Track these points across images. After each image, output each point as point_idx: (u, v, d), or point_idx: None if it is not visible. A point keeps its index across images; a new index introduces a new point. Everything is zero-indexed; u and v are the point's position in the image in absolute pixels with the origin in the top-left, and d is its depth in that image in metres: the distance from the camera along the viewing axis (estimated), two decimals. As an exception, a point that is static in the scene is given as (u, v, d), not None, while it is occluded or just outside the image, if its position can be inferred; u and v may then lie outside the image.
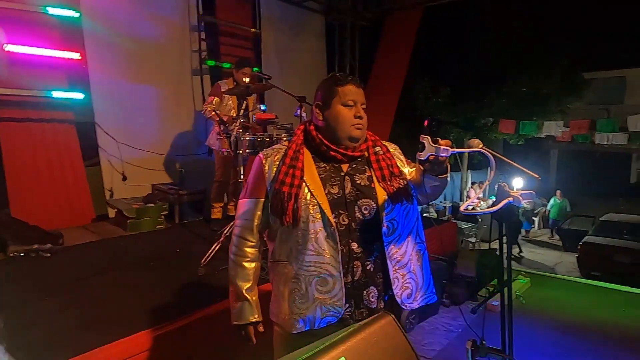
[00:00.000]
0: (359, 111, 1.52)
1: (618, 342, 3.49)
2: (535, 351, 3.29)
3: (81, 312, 2.45)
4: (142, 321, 2.30)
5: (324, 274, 1.45)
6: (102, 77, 5.02)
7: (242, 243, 1.55)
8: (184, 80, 5.89)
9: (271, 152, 1.57)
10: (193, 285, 2.89)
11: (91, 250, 3.70)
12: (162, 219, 4.65)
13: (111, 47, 5.10)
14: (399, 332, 0.81)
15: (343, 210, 1.49)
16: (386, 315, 0.85)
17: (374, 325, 0.81)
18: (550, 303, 4.39)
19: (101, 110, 5.05)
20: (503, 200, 1.48)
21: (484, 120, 13.58)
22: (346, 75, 1.57)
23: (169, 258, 3.53)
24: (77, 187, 4.83)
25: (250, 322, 1.54)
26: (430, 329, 3.63)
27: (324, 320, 1.46)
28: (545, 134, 11.26)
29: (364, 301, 1.51)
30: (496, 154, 1.54)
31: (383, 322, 0.82)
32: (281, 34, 7.22)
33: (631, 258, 8.82)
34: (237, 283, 1.54)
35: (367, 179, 1.55)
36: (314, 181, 1.49)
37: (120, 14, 5.16)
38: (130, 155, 5.22)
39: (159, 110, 5.64)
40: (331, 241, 1.45)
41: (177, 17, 5.80)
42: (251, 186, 1.56)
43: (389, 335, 0.80)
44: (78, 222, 4.68)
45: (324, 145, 1.52)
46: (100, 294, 2.72)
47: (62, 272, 3.14)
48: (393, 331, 0.81)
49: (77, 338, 2.15)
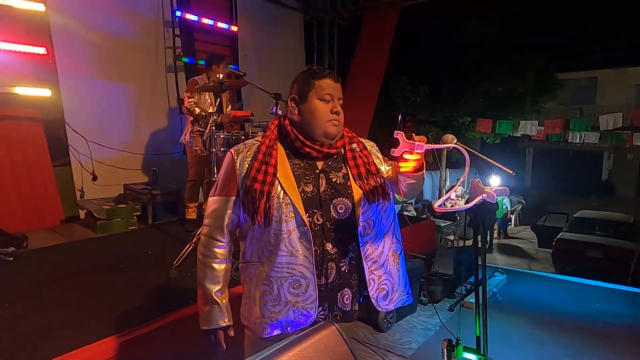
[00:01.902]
0: (336, 106, 1.46)
1: (592, 336, 3.55)
2: (511, 347, 3.31)
3: (42, 319, 2.33)
4: (107, 327, 2.20)
5: (297, 275, 1.40)
6: (71, 73, 4.85)
7: (211, 243, 1.47)
8: (158, 77, 5.74)
9: (243, 148, 1.49)
10: (164, 288, 2.80)
11: (57, 254, 3.55)
12: (134, 220, 4.51)
13: (81, 43, 4.93)
14: (342, 343, 0.76)
15: (317, 210, 1.43)
16: (329, 325, 0.80)
17: (316, 335, 0.76)
18: (526, 299, 4.44)
19: (71, 108, 4.87)
20: (477, 197, 1.46)
21: (462, 119, 13.76)
22: (324, 68, 1.51)
23: (140, 260, 3.42)
24: (44, 188, 4.63)
25: (219, 326, 1.46)
26: (408, 328, 3.62)
27: (297, 323, 1.41)
28: (521, 133, 11.49)
29: (338, 304, 1.47)
30: (470, 149, 1.51)
31: (326, 332, 0.77)
32: (259, 31, 7.13)
33: (602, 253, 9.06)
34: (206, 286, 1.45)
35: (342, 177, 1.49)
36: (288, 178, 1.43)
37: (90, 9, 4.99)
38: (102, 154, 5.05)
39: (132, 108, 5.48)
40: (304, 242, 1.40)
41: (151, 12, 5.65)
42: (221, 183, 1.49)
43: (331, 347, 0.74)
44: (46, 224, 4.50)
45: (298, 140, 1.46)
46: (64, 299, 2.59)
47: (24, 277, 2.99)
48: (335, 342, 0.76)
49: (36, 346, 2.04)
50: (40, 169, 4.62)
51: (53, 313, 2.41)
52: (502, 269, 5.19)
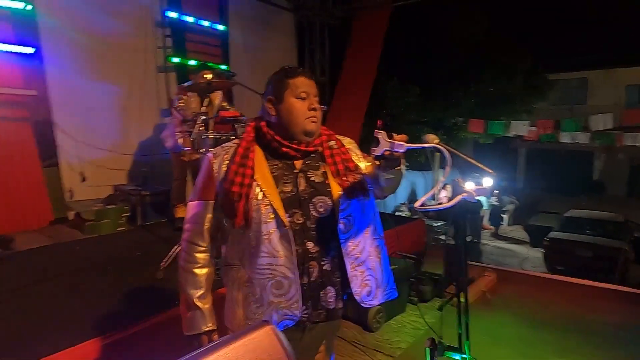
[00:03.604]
0: (313, 103, 1.46)
1: (580, 335, 3.57)
2: (499, 345, 3.32)
3: (26, 321, 2.31)
4: (91, 329, 2.18)
5: (279, 276, 1.40)
6: (60, 73, 4.81)
7: (192, 248, 1.47)
8: (148, 77, 5.71)
9: (221, 151, 1.49)
10: (150, 290, 2.78)
11: (43, 255, 3.52)
12: (123, 221, 4.49)
13: (69, 43, 4.90)
14: (276, 343, 0.76)
15: (297, 209, 1.44)
16: (265, 325, 0.79)
17: (248, 335, 0.76)
18: (515, 298, 4.46)
19: (59, 108, 4.83)
20: (457, 197, 1.47)
21: (453, 120, 13.80)
22: (296, 67, 1.51)
23: (128, 262, 3.40)
24: (32, 189, 4.60)
25: (203, 331, 1.46)
26: (397, 327, 3.62)
27: (281, 324, 1.41)
28: (513, 134, 11.54)
29: (322, 302, 1.47)
30: (451, 149, 1.51)
31: (260, 332, 0.76)
32: (250, 31, 7.12)
33: (592, 252, 9.13)
34: (188, 291, 1.45)
35: (321, 175, 1.50)
36: (266, 180, 1.43)
37: (79, 8, 4.96)
38: (91, 155, 5.03)
39: (121, 109, 5.45)
40: (285, 242, 1.40)
41: (140, 11, 5.62)
42: (200, 187, 1.49)
43: (263, 346, 0.74)
44: (34, 226, 4.47)
45: (275, 141, 1.46)
46: (48, 301, 2.57)
47: (8, 279, 2.96)
48: (269, 342, 0.75)
49: (20, 348, 2.02)
50: (28, 169, 4.59)
51: (37, 315, 2.39)
52: (492, 269, 5.22)
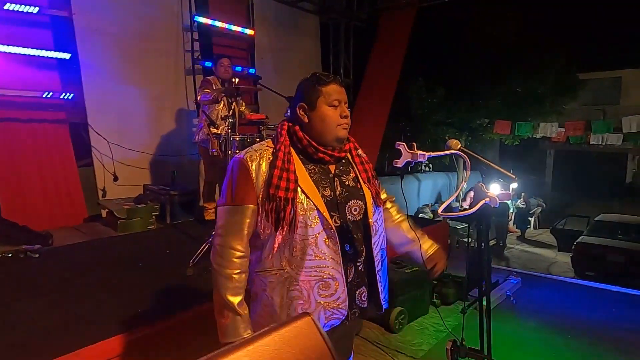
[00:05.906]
0: (344, 110, 1.49)
1: (607, 343, 3.50)
2: (523, 350, 3.29)
3: (64, 314, 2.43)
4: (122, 323, 2.28)
5: (326, 277, 1.43)
6: (94, 77, 5.02)
7: (230, 254, 1.41)
8: (177, 80, 5.88)
9: (254, 154, 1.46)
10: (180, 286, 2.88)
11: (80, 251, 3.68)
12: (153, 220, 4.64)
13: (103, 47, 5.10)
14: (316, 334, 0.80)
15: (335, 212, 1.47)
16: (305, 316, 0.84)
17: (290, 324, 0.81)
18: (540, 303, 4.40)
19: (94, 111, 5.05)
20: (480, 202, 1.49)
21: (479, 121, 13.59)
22: (328, 74, 1.53)
23: (158, 259, 3.52)
24: (69, 188, 4.82)
25: (243, 338, 1.44)
26: (420, 329, 3.63)
27: (328, 324, 1.45)
28: (541, 135, 11.28)
29: (357, 301, 1.52)
30: (474, 154, 1.54)
31: (300, 323, 0.81)
32: (275, 34, 7.22)
33: (625, 258, 8.85)
34: (227, 297, 1.39)
35: (353, 180, 1.55)
36: (308, 184, 1.44)
37: (112, 14, 5.16)
38: (123, 155, 5.22)
39: (151, 111, 5.63)
40: (332, 243, 1.43)
41: (171, 17, 5.79)
42: (237, 191, 1.43)
43: (305, 336, 0.79)
44: (70, 223, 4.67)
45: (312, 146, 1.47)
46: (85, 295, 2.69)
47: (48, 273, 3.12)
48: (310, 332, 0.80)
49: (55, 341, 2.13)
50: (65, 169, 4.80)
51: (73, 309, 2.50)
52: (517, 272, 5.15)
